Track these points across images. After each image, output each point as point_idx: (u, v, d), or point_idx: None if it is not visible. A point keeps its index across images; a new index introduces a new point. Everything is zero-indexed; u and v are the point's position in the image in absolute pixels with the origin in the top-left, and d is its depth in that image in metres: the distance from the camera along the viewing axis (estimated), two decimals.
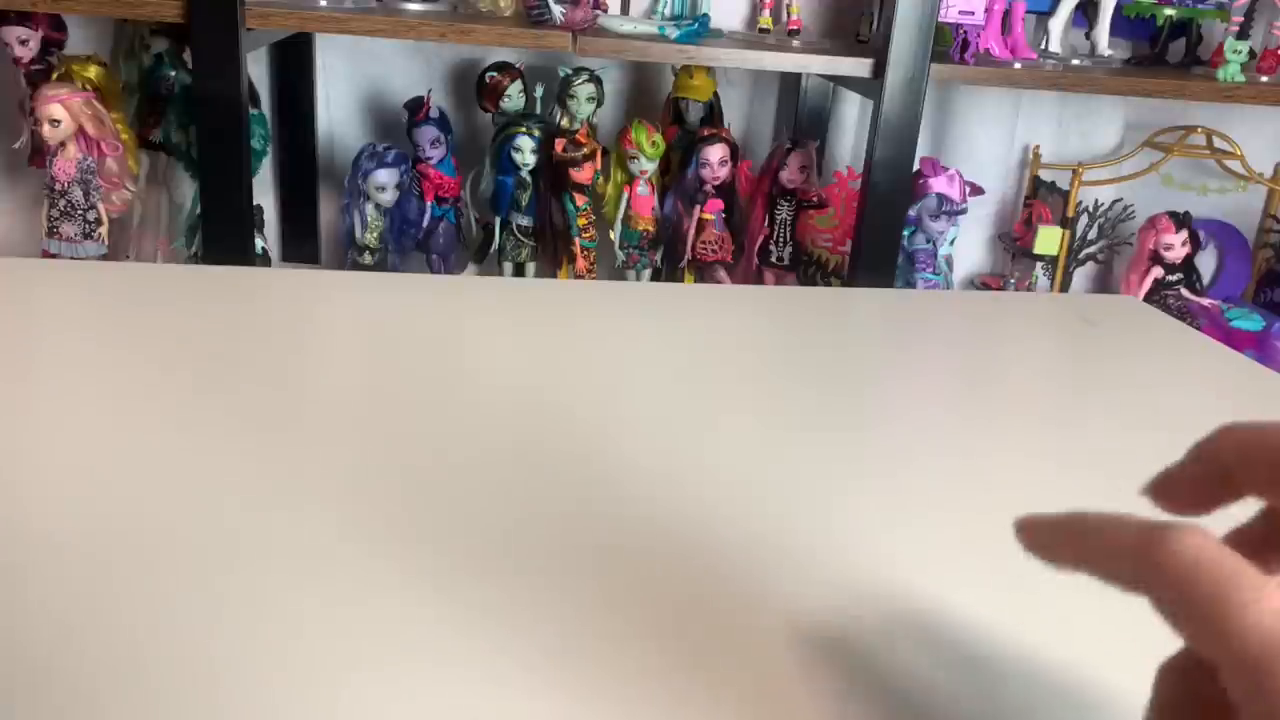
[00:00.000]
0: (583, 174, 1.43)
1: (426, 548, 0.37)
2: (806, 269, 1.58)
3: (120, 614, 0.32)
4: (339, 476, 0.41)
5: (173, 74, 1.38)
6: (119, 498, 0.38)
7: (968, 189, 1.47)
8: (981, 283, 1.76)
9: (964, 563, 0.39)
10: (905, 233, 1.45)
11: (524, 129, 1.42)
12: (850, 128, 1.70)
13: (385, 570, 0.35)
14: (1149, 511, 0.27)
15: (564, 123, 1.46)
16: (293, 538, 0.37)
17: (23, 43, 1.34)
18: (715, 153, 1.44)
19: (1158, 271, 1.58)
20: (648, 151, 1.43)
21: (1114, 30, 1.53)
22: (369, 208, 1.43)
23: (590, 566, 0.36)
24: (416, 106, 1.43)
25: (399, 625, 0.32)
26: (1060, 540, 0.27)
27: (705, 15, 1.43)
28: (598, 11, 1.37)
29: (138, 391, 0.47)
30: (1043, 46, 1.51)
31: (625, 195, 1.48)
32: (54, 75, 1.29)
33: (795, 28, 1.49)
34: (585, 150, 1.42)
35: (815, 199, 1.52)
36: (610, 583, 0.36)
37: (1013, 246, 1.70)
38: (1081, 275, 1.76)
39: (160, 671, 0.30)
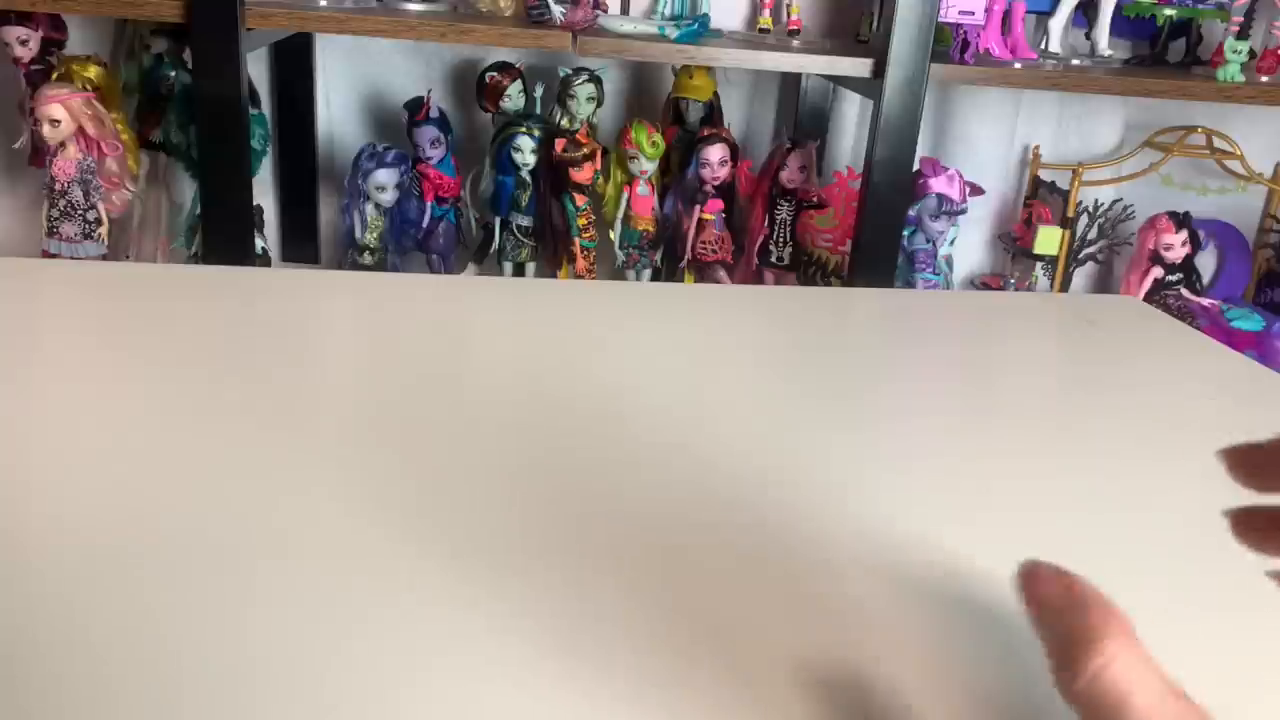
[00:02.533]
0: (583, 174, 1.43)
1: (426, 546, 0.37)
2: (806, 269, 1.58)
3: (121, 611, 0.32)
4: (339, 475, 0.41)
5: (173, 74, 1.38)
6: (119, 497, 0.38)
7: (968, 189, 1.47)
8: (981, 283, 1.75)
9: (964, 560, 0.39)
10: (905, 233, 1.45)
11: (524, 129, 1.42)
12: (850, 128, 1.70)
13: (385, 569, 0.35)
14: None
15: (564, 123, 1.46)
16: (292, 536, 0.37)
17: (23, 43, 1.34)
18: (715, 153, 1.44)
19: (1158, 271, 1.58)
20: (648, 151, 1.43)
21: (1114, 30, 1.53)
22: (369, 208, 1.43)
23: (590, 564, 0.36)
24: (416, 106, 1.43)
25: (398, 624, 0.32)
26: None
27: (705, 15, 1.43)
28: (598, 11, 1.36)
29: (138, 391, 0.47)
30: (1043, 46, 1.50)
31: (625, 195, 1.48)
32: (54, 75, 1.29)
33: (795, 28, 1.49)
34: (585, 150, 1.42)
35: (815, 199, 1.52)
36: (610, 580, 0.36)
37: (1013, 246, 1.70)
38: (1081, 275, 1.76)
39: (157, 669, 0.30)
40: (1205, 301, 1.57)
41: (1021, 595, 0.26)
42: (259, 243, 1.41)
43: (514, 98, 1.45)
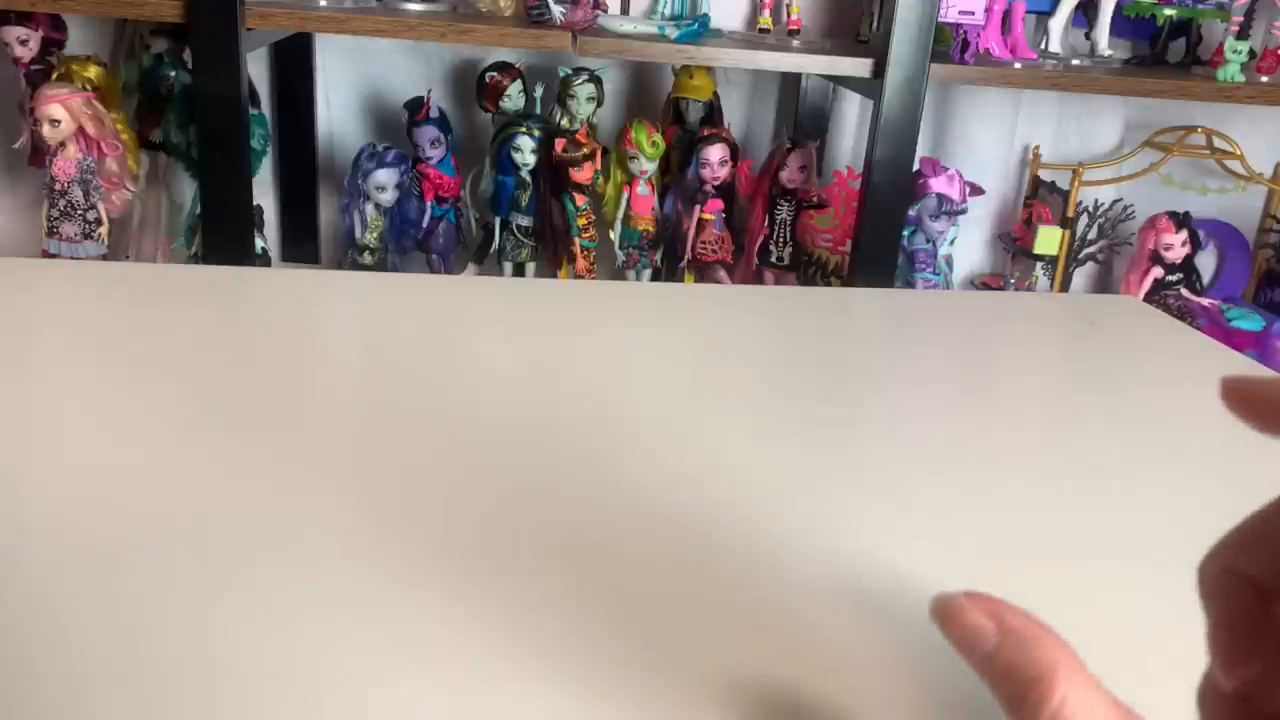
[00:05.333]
0: (583, 174, 1.43)
1: (426, 546, 0.37)
2: (806, 269, 1.58)
3: (119, 613, 0.32)
4: (339, 475, 0.41)
5: (173, 74, 1.38)
6: (119, 497, 0.38)
7: (968, 189, 1.47)
8: (981, 283, 1.75)
9: (963, 560, 0.39)
10: (905, 233, 1.45)
11: (524, 129, 1.42)
12: (850, 128, 1.70)
13: (385, 569, 0.35)
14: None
15: (564, 123, 1.46)
16: (292, 537, 0.37)
17: (23, 43, 1.34)
18: (715, 153, 1.44)
19: (1158, 271, 1.58)
20: (648, 151, 1.43)
21: (1114, 30, 1.53)
22: (369, 208, 1.43)
23: (589, 564, 0.36)
24: (416, 106, 1.43)
25: (398, 624, 0.32)
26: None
27: (705, 15, 1.43)
28: (598, 11, 1.36)
29: (138, 391, 0.47)
30: (1043, 46, 1.50)
31: (625, 195, 1.48)
32: (54, 75, 1.29)
33: (795, 28, 1.49)
34: (585, 150, 1.42)
35: (815, 199, 1.52)
36: (609, 580, 0.35)
37: (1013, 246, 1.70)
38: (1081, 275, 1.76)
39: (155, 669, 0.30)
40: (1205, 301, 1.57)
41: (947, 634, 0.25)
42: (259, 243, 1.41)
43: (514, 98, 1.45)
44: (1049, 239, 1.60)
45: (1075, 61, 1.48)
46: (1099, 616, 0.28)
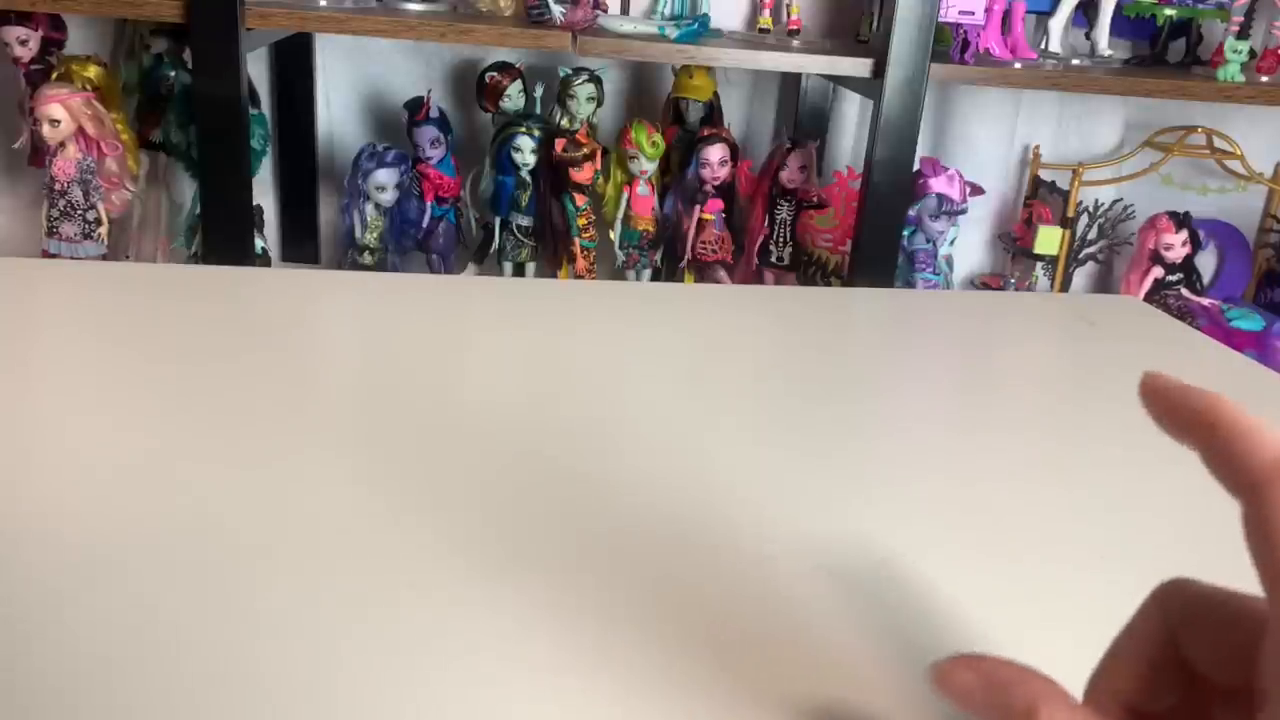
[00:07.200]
0: (583, 174, 1.43)
1: (426, 546, 0.37)
2: (806, 269, 1.58)
3: (121, 612, 0.32)
4: (339, 475, 0.41)
5: (173, 74, 1.38)
6: (119, 496, 0.38)
7: (968, 189, 1.47)
8: (981, 283, 1.75)
9: (964, 560, 0.39)
10: (905, 233, 1.45)
11: (524, 129, 1.42)
12: (850, 128, 1.70)
13: (385, 569, 0.35)
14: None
15: (564, 123, 1.46)
16: (292, 536, 0.37)
17: (23, 43, 1.34)
18: (715, 153, 1.44)
19: (1158, 271, 1.58)
20: (648, 151, 1.43)
21: (1114, 30, 1.53)
22: (369, 208, 1.43)
23: (589, 565, 0.36)
24: (416, 106, 1.43)
25: (398, 624, 0.32)
26: (1189, 421, 0.26)
27: (705, 15, 1.43)
28: (598, 11, 1.36)
29: (137, 391, 0.47)
30: (1043, 46, 1.51)
31: (625, 195, 1.48)
32: (54, 75, 1.29)
33: (795, 28, 1.49)
34: (585, 150, 1.42)
35: (815, 199, 1.52)
36: (609, 581, 0.36)
37: (1013, 246, 1.70)
38: (1081, 275, 1.76)
39: (158, 669, 0.30)
40: (1205, 301, 1.57)
41: (943, 694, 0.27)
42: (259, 243, 1.41)
43: (514, 98, 1.45)
44: (1049, 239, 1.60)
45: (1075, 61, 1.48)
46: (1098, 616, 0.28)
